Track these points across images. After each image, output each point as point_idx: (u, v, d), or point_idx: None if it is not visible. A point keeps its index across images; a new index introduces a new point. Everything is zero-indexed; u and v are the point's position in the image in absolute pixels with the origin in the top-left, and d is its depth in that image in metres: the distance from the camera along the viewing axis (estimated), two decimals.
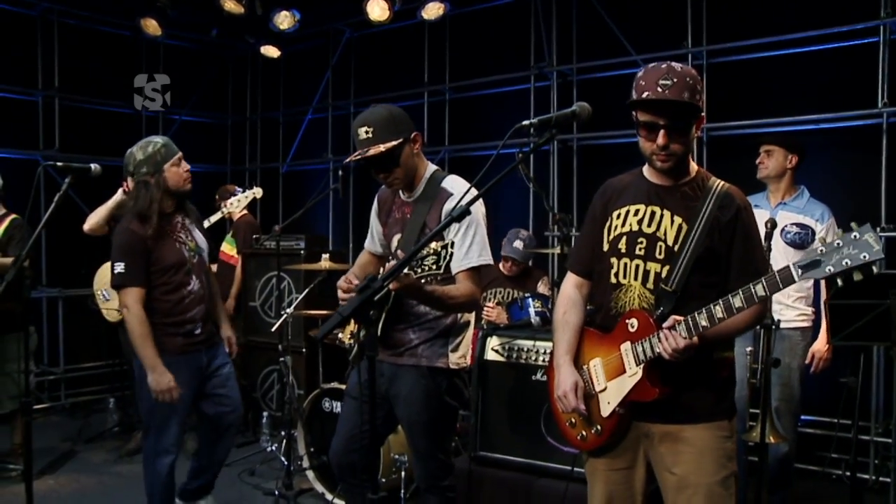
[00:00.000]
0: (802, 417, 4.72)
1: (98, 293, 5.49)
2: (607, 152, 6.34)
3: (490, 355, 3.97)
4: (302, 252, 6.04)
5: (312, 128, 8.25)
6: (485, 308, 4.75)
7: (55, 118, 7.17)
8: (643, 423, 2.48)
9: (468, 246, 2.96)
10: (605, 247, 2.56)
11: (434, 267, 2.33)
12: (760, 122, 5.32)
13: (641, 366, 2.38)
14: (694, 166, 2.51)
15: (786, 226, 4.12)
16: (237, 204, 5.64)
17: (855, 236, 1.94)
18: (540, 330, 4.03)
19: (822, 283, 4.15)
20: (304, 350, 5.81)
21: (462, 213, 2.10)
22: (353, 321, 3.66)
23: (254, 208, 5.43)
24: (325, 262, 5.16)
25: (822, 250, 1.99)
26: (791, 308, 4.17)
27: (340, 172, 5.95)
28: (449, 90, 7.07)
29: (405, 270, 2.49)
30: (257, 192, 5.68)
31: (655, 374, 2.37)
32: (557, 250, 4.84)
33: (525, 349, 3.88)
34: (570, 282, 2.73)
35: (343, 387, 4.43)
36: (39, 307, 7.13)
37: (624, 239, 2.51)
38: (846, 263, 1.95)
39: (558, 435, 3.46)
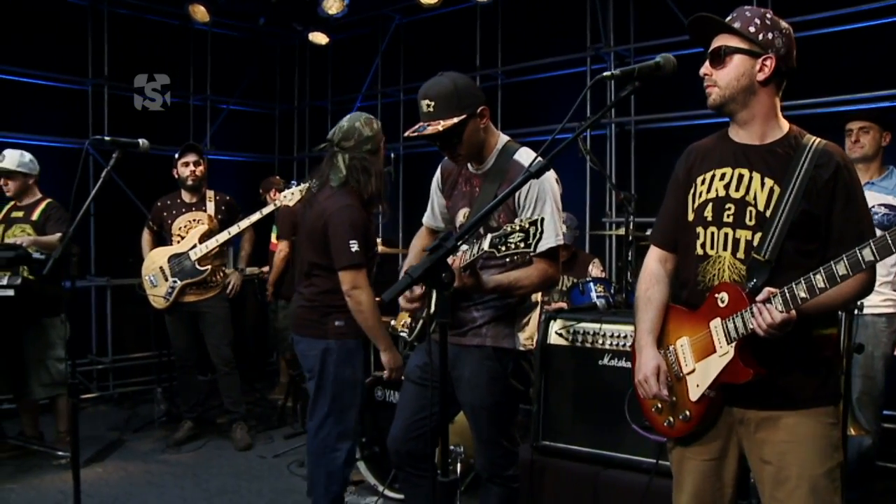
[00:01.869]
0: (885, 412, 4.42)
1: (146, 279, 5.40)
2: (666, 136, 6.11)
3: (553, 339, 3.76)
4: None
5: None
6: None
7: (104, 106, 7.14)
8: (738, 408, 2.24)
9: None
10: (691, 216, 2.34)
11: (522, 245, 2.14)
12: (833, 99, 5.02)
13: (733, 344, 2.14)
14: (785, 124, 2.26)
15: (874, 206, 3.83)
16: (291, 197, 5.53)
17: None
18: (606, 313, 3.81)
19: None
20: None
21: (541, 168, 1.90)
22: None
23: None
24: (378, 247, 4.99)
25: None
26: (875, 293, 3.87)
27: (392, 155, 5.78)
28: (501, 74, 6.91)
29: (486, 248, 2.31)
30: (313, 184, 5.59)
31: (749, 353, 2.13)
32: (621, 231, 4.61)
33: (591, 333, 3.67)
34: (653, 256, 2.51)
35: None
36: (88, 296, 7.11)
37: (710, 206, 2.28)
38: None
39: (642, 422, 3.21)
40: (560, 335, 3.75)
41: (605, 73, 2.13)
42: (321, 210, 3.49)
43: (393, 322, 4.64)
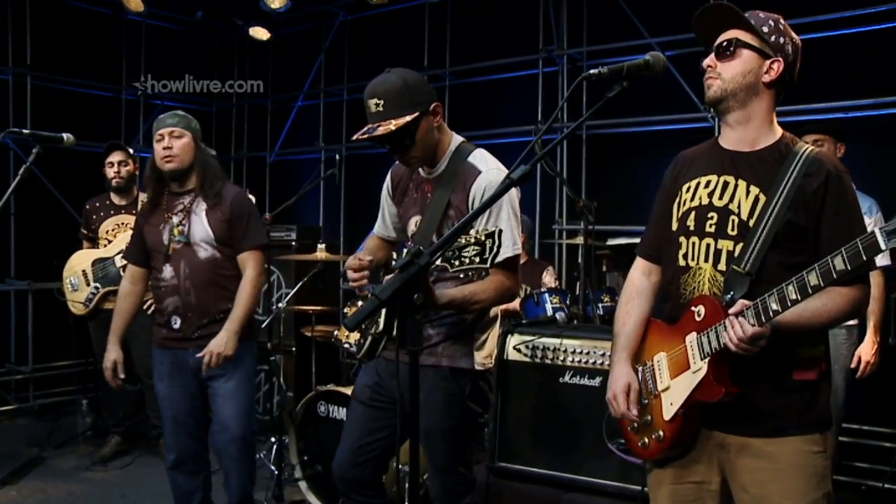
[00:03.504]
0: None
1: (66, 281, 5.06)
2: (618, 142, 6.03)
3: (511, 355, 3.58)
4: (293, 243, 5.68)
5: (302, 115, 7.88)
6: None
7: (27, 98, 6.68)
8: (718, 432, 2.12)
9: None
10: (674, 225, 2.22)
11: (477, 260, 1.94)
12: (787, 109, 4.94)
13: (707, 360, 2.02)
14: (778, 130, 2.15)
15: None
16: None
17: None
18: (566, 327, 3.64)
19: (873, 277, 3.83)
20: (294, 349, 5.43)
21: (523, 175, 1.70)
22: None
23: None
24: (321, 253, 4.76)
25: None
26: None
27: (338, 156, 5.55)
28: (449, 75, 6.72)
29: (438, 262, 2.10)
30: None
31: (724, 371, 2.01)
32: (575, 240, 4.46)
33: (551, 348, 3.49)
34: (638, 268, 2.39)
35: (341, 390, 4.04)
36: (7, 301, 6.65)
37: (693, 214, 2.17)
38: None
39: (619, 443, 3.08)
40: (518, 350, 3.56)
41: (591, 71, 1.96)
42: None
43: (336, 332, 4.40)
